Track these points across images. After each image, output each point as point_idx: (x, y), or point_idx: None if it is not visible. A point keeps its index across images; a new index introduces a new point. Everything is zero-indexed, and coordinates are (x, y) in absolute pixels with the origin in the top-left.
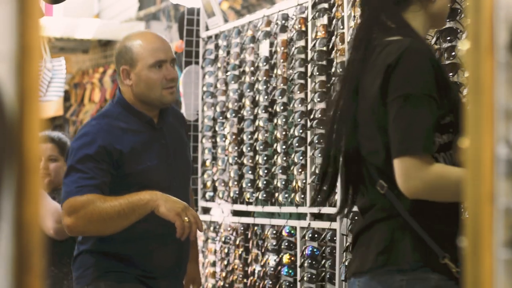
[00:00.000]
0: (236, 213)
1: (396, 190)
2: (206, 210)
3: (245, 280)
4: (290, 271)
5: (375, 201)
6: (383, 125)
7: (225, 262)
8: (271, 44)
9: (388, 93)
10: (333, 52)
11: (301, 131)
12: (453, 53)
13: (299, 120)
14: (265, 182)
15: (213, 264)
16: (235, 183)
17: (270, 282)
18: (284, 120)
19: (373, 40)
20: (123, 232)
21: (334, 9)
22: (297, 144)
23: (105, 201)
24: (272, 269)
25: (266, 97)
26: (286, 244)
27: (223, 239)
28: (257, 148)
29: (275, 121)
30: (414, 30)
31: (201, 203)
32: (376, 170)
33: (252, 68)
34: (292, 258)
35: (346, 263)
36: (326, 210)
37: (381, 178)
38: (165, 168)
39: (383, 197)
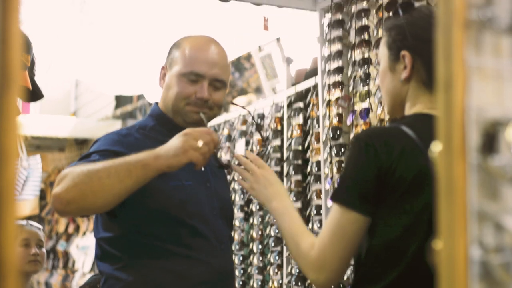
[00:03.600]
0: None
1: None
2: None
3: None
4: None
5: None
6: None
7: None
8: (247, 143)
9: None
10: (309, 151)
11: (277, 231)
12: None
13: (275, 219)
14: (241, 283)
15: None
16: None
17: None
18: (260, 219)
19: None
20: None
21: (309, 109)
22: (273, 244)
23: (93, 164)
24: None
25: (242, 196)
26: None
27: None
28: (233, 248)
29: (251, 220)
30: None
31: None
32: None
33: None
34: None
35: None
36: None
37: None
38: (203, 193)
39: None
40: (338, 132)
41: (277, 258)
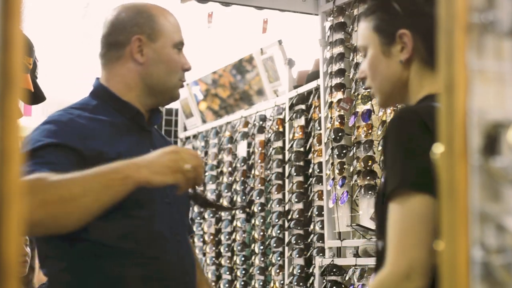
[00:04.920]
0: None
1: None
2: None
3: None
4: None
5: None
6: None
7: None
8: (249, 145)
9: None
10: (310, 153)
11: (278, 231)
12: None
13: (276, 220)
14: (242, 283)
15: None
16: (213, 284)
17: None
18: (261, 220)
19: None
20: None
21: (311, 111)
22: (274, 245)
23: (63, 176)
24: None
25: (244, 197)
26: None
27: None
28: (235, 248)
29: (252, 221)
30: None
31: None
32: None
33: (229, 169)
34: None
35: None
36: None
37: None
38: None
39: None
40: (339, 134)
41: (278, 258)
